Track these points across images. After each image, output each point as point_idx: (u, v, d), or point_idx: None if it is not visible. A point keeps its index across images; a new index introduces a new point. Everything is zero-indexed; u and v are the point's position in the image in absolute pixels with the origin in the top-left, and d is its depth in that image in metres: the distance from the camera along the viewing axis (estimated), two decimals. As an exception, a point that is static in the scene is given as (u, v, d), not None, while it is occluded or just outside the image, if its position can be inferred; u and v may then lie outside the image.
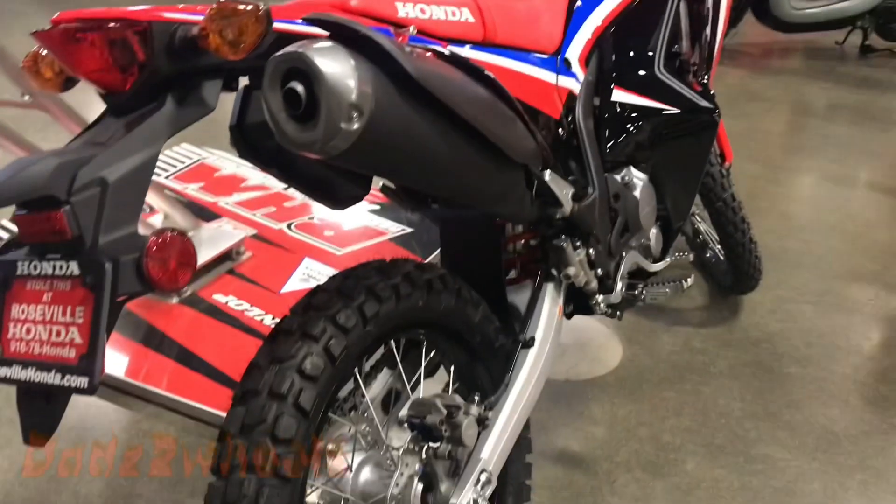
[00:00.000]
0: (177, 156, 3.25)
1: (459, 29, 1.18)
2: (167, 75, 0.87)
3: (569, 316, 1.55)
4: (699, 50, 1.77)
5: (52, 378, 0.81)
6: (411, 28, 1.07)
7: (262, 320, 2.04)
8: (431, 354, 1.30)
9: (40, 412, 0.85)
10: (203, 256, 2.23)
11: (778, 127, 4.10)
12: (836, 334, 2.31)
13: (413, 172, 1.01)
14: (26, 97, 1.86)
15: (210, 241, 2.30)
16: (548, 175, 1.25)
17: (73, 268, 0.79)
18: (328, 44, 0.85)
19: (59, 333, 0.82)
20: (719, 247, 2.31)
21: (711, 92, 1.71)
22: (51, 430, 0.86)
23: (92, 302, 0.78)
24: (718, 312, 2.40)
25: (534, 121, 1.25)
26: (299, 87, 0.83)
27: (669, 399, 2.01)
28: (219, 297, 2.12)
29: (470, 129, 1.00)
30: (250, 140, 1.11)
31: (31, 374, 0.83)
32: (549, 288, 1.41)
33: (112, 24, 0.82)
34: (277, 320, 1.03)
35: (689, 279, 1.64)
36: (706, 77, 1.75)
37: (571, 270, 1.40)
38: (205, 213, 2.54)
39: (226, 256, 2.27)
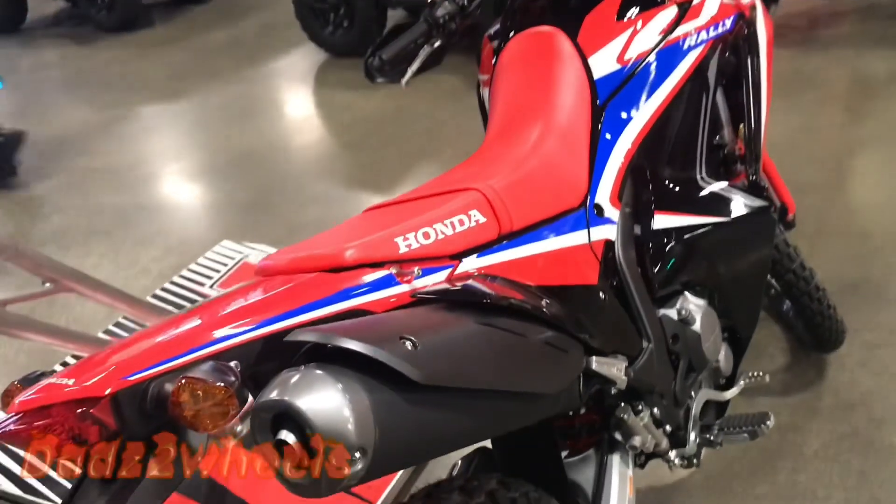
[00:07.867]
0: (218, 257, 3.21)
1: (472, 236, 1.06)
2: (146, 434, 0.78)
3: (642, 466, 1.42)
4: (744, 134, 1.59)
5: None
6: (416, 269, 0.96)
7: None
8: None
9: None
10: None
11: (838, 117, 3.80)
12: (939, 385, 2.11)
13: (438, 452, 0.90)
14: (47, 284, 1.81)
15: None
16: (594, 363, 1.12)
17: None
18: (315, 374, 0.74)
19: None
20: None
21: (763, 185, 1.55)
22: None
23: None
24: (803, 373, 2.21)
25: (570, 302, 1.12)
26: (290, 438, 0.73)
27: (764, 497, 1.85)
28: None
29: (497, 394, 0.88)
30: None
31: None
32: (615, 461, 1.28)
33: (79, 410, 0.73)
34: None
35: (769, 421, 1.48)
36: (755, 167, 1.56)
37: (637, 440, 1.27)
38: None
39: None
